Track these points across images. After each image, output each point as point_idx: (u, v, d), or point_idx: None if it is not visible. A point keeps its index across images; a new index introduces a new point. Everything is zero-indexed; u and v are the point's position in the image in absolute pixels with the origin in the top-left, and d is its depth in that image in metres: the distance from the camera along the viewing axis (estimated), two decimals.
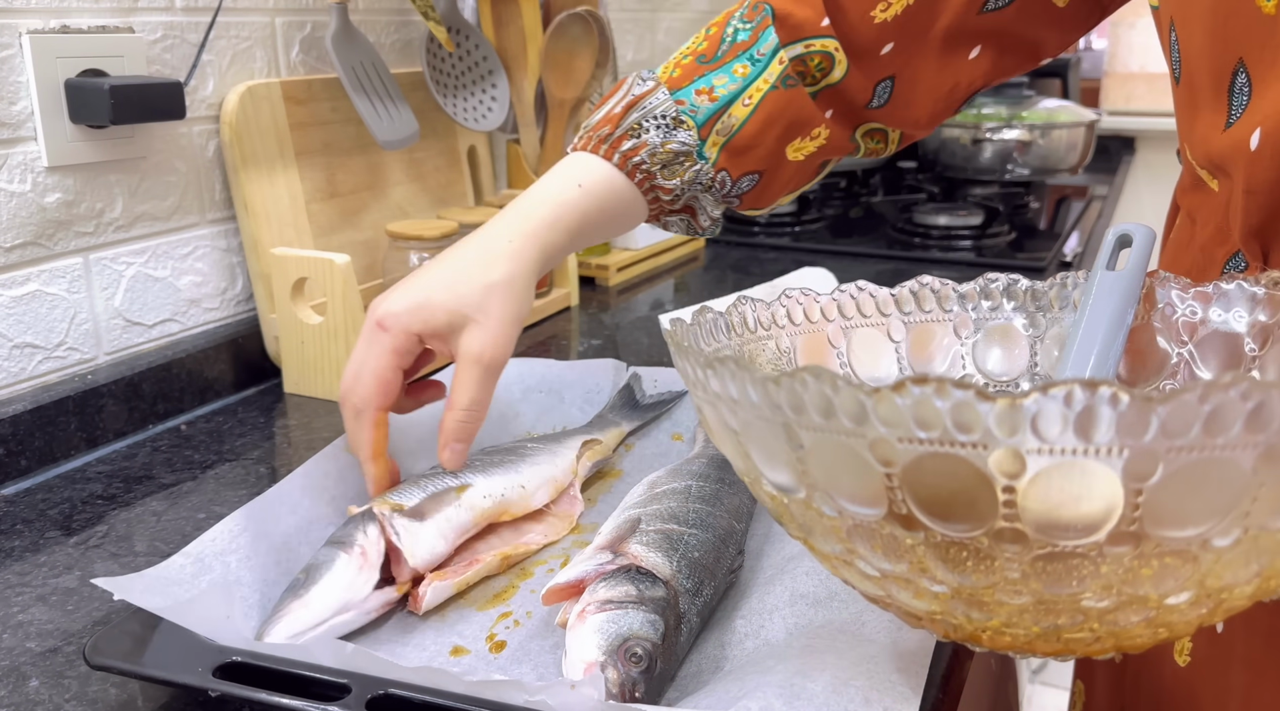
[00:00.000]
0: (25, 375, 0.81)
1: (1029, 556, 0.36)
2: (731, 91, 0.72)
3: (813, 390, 0.36)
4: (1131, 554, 0.36)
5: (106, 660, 0.50)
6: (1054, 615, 0.39)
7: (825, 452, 0.38)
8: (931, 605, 0.41)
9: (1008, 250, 1.50)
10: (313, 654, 0.49)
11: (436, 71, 1.12)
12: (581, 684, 0.45)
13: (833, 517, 0.40)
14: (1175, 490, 0.34)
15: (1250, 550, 0.36)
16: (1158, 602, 0.38)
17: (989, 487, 0.35)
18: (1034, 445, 0.34)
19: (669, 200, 0.73)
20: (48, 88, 0.80)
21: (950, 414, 0.34)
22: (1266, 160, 0.55)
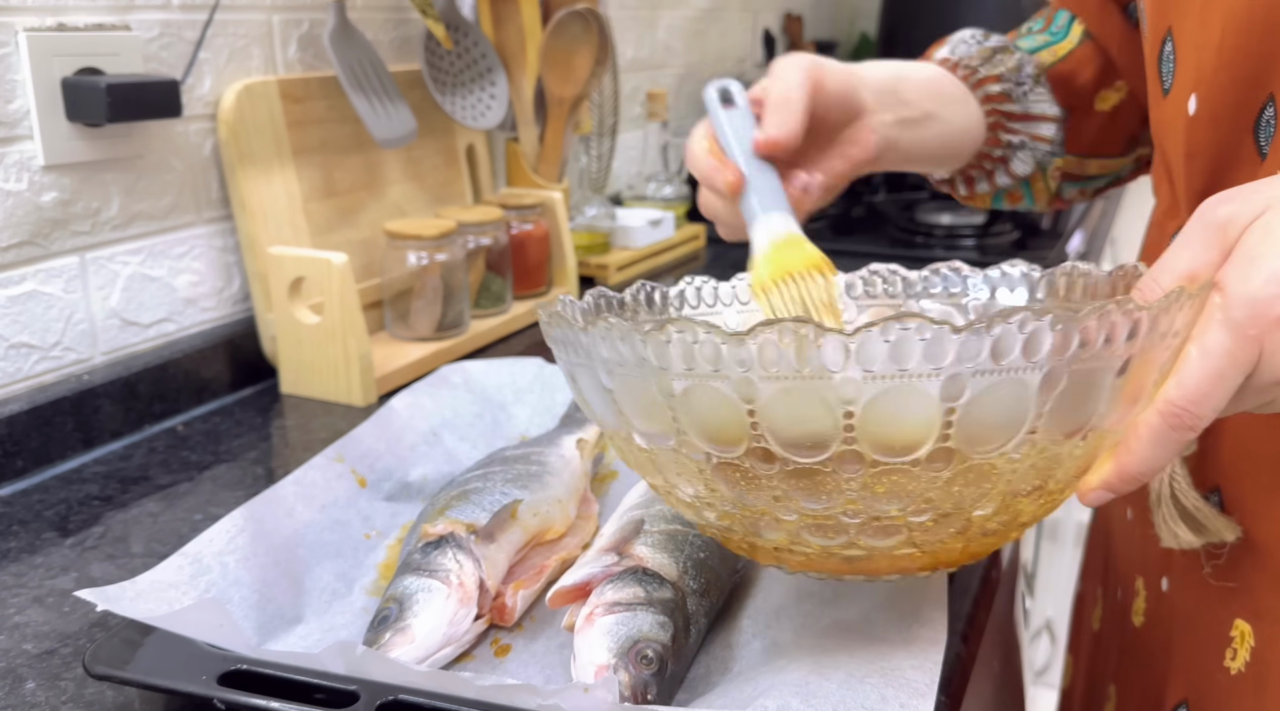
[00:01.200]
0: (21, 375, 0.81)
1: (865, 474, 0.42)
2: (1036, 45, 0.75)
3: (677, 340, 0.41)
4: (945, 468, 0.42)
5: (107, 669, 0.49)
6: (885, 533, 0.45)
7: (694, 398, 0.42)
8: (781, 535, 0.46)
9: (1011, 249, 1.49)
10: (319, 660, 0.48)
11: (435, 69, 1.12)
12: (595, 686, 0.44)
13: (699, 461, 0.44)
14: (979, 409, 0.40)
15: (1037, 462, 0.42)
16: (968, 514, 0.44)
17: (831, 414, 0.40)
18: (862, 374, 0.39)
19: (998, 93, 0.71)
20: (44, 86, 0.79)
21: (795, 352, 0.39)
22: (1204, 123, 0.57)
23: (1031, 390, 0.40)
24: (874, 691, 0.46)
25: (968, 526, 0.45)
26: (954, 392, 0.40)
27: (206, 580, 0.57)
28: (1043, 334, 0.39)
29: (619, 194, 1.59)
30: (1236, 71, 0.55)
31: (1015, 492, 0.44)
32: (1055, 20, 0.78)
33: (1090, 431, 0.43)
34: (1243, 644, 0.60)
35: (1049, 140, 0.74)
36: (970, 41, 0.74)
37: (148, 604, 0.53)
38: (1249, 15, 0.54)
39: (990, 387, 0.40)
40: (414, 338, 1.03)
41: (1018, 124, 0.73)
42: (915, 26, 2.17)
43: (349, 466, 0.70)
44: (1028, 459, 0.42)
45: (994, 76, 0.72)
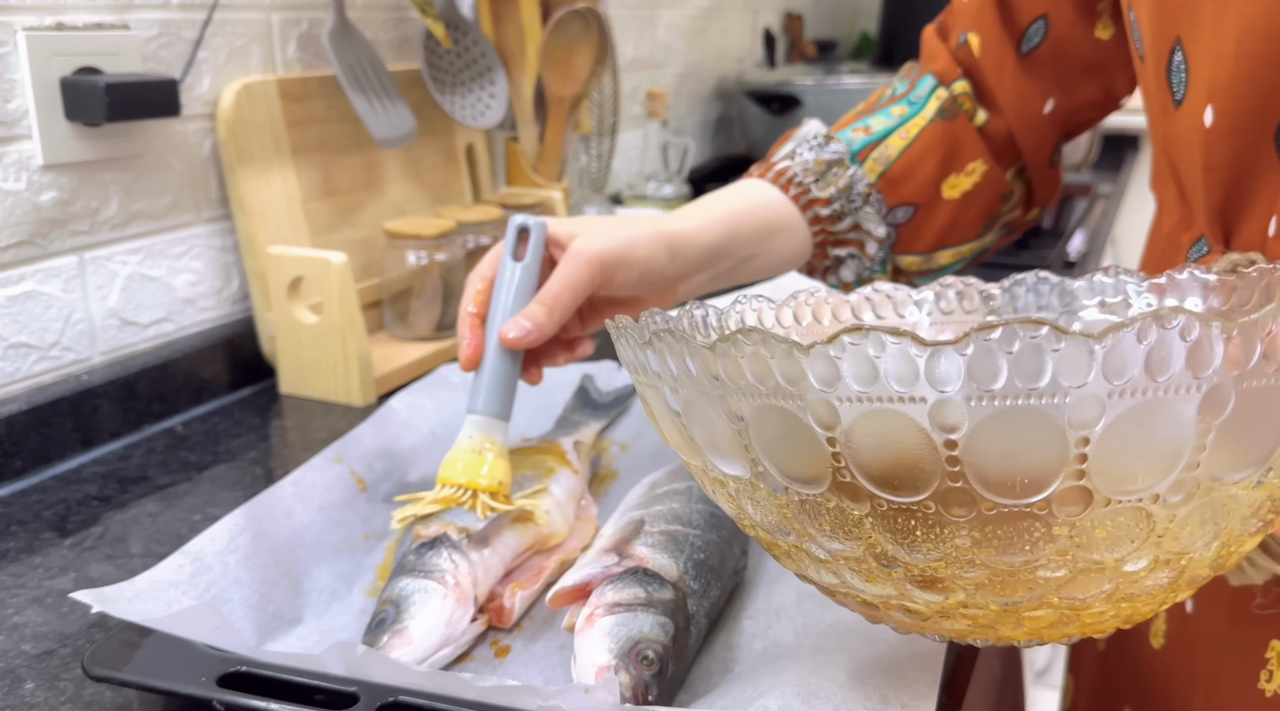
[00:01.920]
0: (20, 375, 0.81)
1: (977, 519, 0.35)
2: (888, 127, 0.74)
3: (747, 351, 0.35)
4: (1082, 513, 0.35)
5: (106, 671, 0.49)
6: (1010, 589, 0.38)
7: (765, 422, 0.37)
8: (886, 588, 0.40)
9: (1012, 249, 1.49)
10: (318, 661, 0.48)
11: (434, 68, 1.11)
12: (596, 687, 0.44)
13: (779, 497, 0.39)
14: (1120, 438, 0.33)
15: (1204, 508, 0.36)
16: (1115, 569, 0.37)
17: (930, 444, 0.34)
18: (971, 393, 0.32)
19: (828, 215, 0.72)
20: (43, 85, 0.79)
21: (885, 365, 0.33)
22: (1223, 134, 0.56)
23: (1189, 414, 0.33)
24: (875, 691, 0.46)
25: (1118, 585, 0.38)
26: (1089, 418, 0.33)
27: (207, 579, 0.56)
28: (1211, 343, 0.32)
29: (619, 193, 1.59)
30: (1255, 81, 0.54)
31: (1179, 545, 0.37)
32: (918, 86, 0.76)
33: (1273, 469, 0.36)
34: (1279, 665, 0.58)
35: (873, 257, 0.75)
36: (814, 145, 0.73)
37: (146, 604, 0.53)
38: (1266, 23, 0.53)
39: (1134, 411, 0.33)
40: (413, 337, 1.03)
41: (843, 246, 0.75)
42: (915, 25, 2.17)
43: (348, 467, 0.70)
44: (1191, 501, 0.36)
45: (824, 199, 0.72)
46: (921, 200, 0.74)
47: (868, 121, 0.75)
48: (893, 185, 0.74)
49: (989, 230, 0.78)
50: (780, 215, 0.72)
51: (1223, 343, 0.32)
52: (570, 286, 0.62)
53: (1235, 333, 0.32)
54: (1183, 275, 0.53)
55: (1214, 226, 0.59)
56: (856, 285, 0.76)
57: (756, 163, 0.75)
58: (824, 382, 0.34)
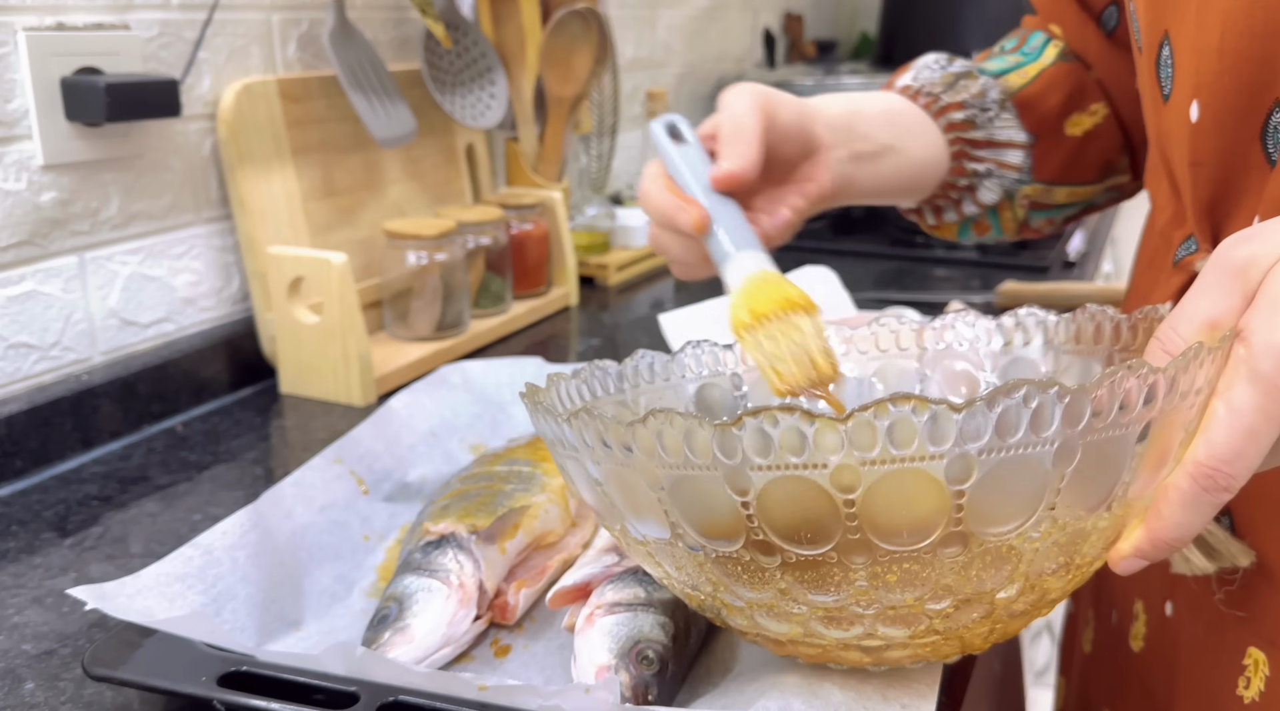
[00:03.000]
0: (20, 375, 0.81)
1: (872, 564, 0.40)
2: (1005, 67, 0.72)
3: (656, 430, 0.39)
4: (960, 552, 0.39)
5: (107, 670, 0.49)
6: (904, 621, 0.42)
7: (682, 490, 0.40)
8: (794, 627, 0.44)
9: (1011, 250, 1.49)
10: (318, 661, 0.48)
11: (434, 69, 1.11)
12: (596, 687, 0.44)
13: (697, 555, 0.42)
14: (989, 489, 0.38)
15: (1061, 539, 0.40)
16: (991, 597, 0.41)
17: (831, 503, 0.38)
18: (862, 458, 0.37)
19: (962, 120, 0.69)
20: (43, 85, 0.79)
21: (781, 439, 0.37)
22: (1209, 129, 0.56)
23: (1045, 466, 0.37)
24: (875, 691, 0.46)
25: (992, 609, 0.42)
26: (961, 474, 0.37)
27: (215, 573, 0.56)
28: (1051, 407, 0.37)
29: (619, 193, 1.59)
30: (1240, 76, 0.53)
31: (1040, 572, 0.41)
32: (1029, 41, 0.75)
33: (1115, 502, 0.40)
34: (1256, 672, 0.58)
35: (1016, 167, 0.72)
36: (934, 67, 0.71)
37: (149, 600, 0.53)
38: (1249, 17, 0.52)
39: (1000, 467, 0.37)
40: (413, 337, 1.03)
41: (983, 151, 0.71)
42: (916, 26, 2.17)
43: (348, 467, 0.70)
44: (1049, 536, 0.40)
45: (957, 103, 0.70)
46: (1043, 131, 0.72)
47: (985, 65, 0.73)
48: (1022, 108, 0.72)
49: (1105, 178, 0.76)
50: (911, 115, 0.69)
51: (1059, 406, 0.37)
52: (745, 113, 0.58)
53: (1068, 398, 0.36)
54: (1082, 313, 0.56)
55: (1202, 224, 0.59)
56: (993, 220, 0.74)
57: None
58: (730, 455, 0.38)
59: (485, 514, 0.61)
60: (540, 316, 1.18)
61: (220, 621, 0.55)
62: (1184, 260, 0.62)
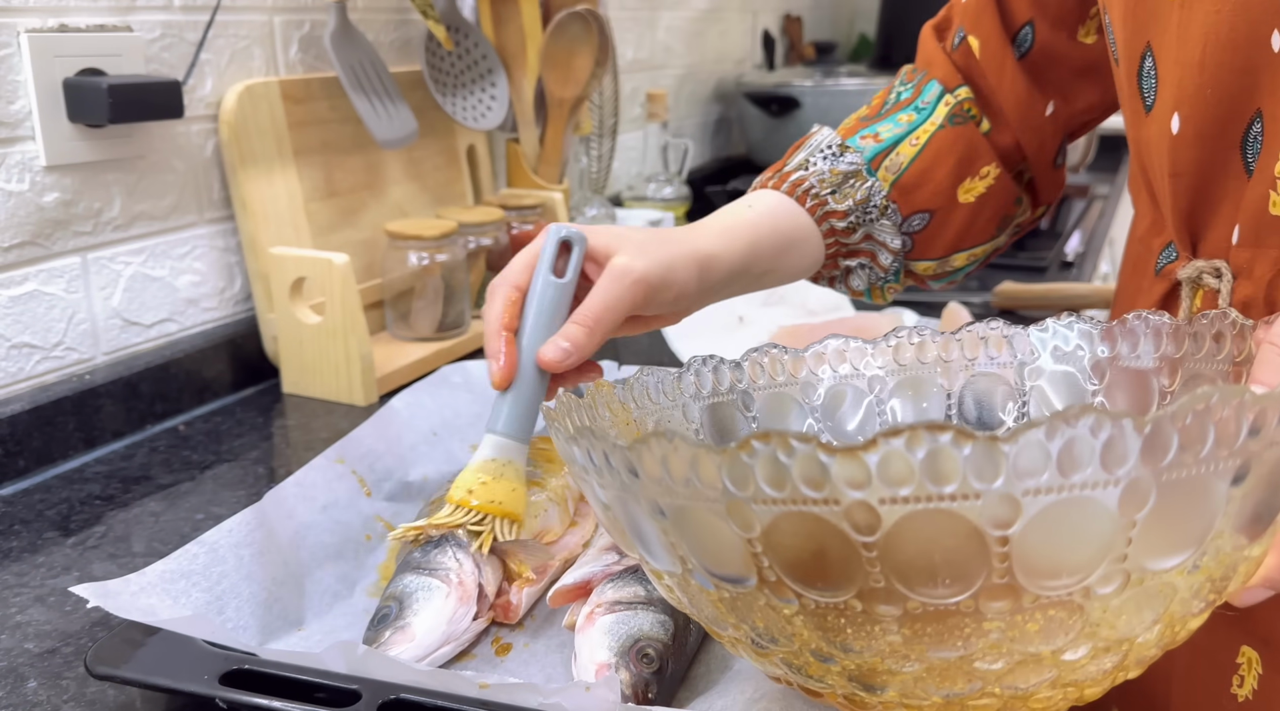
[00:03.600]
0: (23, 375, 0.81)
1: (905, 616, 0.35)
2: (897, 133, 0.73)
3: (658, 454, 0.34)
4: (1011, 608, 0.34)
5: (109, 669, 0.49)
6: (949, 681, 0.37)
7: (686, 521, 0.36)
8: (828, 680, 0.39)
9: (1011, 250, 1.49)
10: (320, 659, 0.48)
11: (435, 70, 1.12)
12: (597, 685, 0.44)
13: (711, 592, 0.38)
14: (1040, 535, 0.32)
15: (1139, 596, 0.35)
16: (1054, 660, 0.36)
17: (849, 544, 0.33)
18: (885, 494, 0.32)
19: (843, 228, 0.71)
20: (46, 87, 0.79)
21: (797, 469, 0.32)
22: (1189, 141, 0.56)
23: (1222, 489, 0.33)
24: None
25: (1126, 656, 0.38)
26: (1137, 501, 0.32)
27: (220, 571, 0.57)
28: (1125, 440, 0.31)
29: (619, 194, 1.59)
30: (1221, 89, 0.54)
31: (1187, 612, 0.37)
32: (924, 92, 0.75)
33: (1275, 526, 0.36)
34: (1250, 671, 0.58)
35: (885, 268, 0.73)
36: (828, 155, 0.71)
37: (152, 598, 0.53)
38: (1231, 30, 0.52)
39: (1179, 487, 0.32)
40: (415, 338, 1.03)
41: (854, 256, 0.73)
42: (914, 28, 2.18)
43: (349, 468, 0.70)
44: (1207, 570, 0.35)
45: (840, 212, 0.70)
46: (936, 206, 0.73)
47: (876, 128, 0.74)
48: (906, 193, 0.72)
49: (1002, 231, 0.77)
50: (797, 228, 0.70)
51: (1138, 437, 0.31)
52: (613, 307, 0.58)
53: (1148, 429, 0.31)
54: (1136, 321, 0.53)
55: (1181, 233, 0.60)
56: (866, 294, 0.75)
57: (768, 169, 0.73)
58: (738, 484, 0.34)
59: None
60: None
61: (223, 620, 0.55)
62: (1165, 268, 0.62)
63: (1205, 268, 0.57)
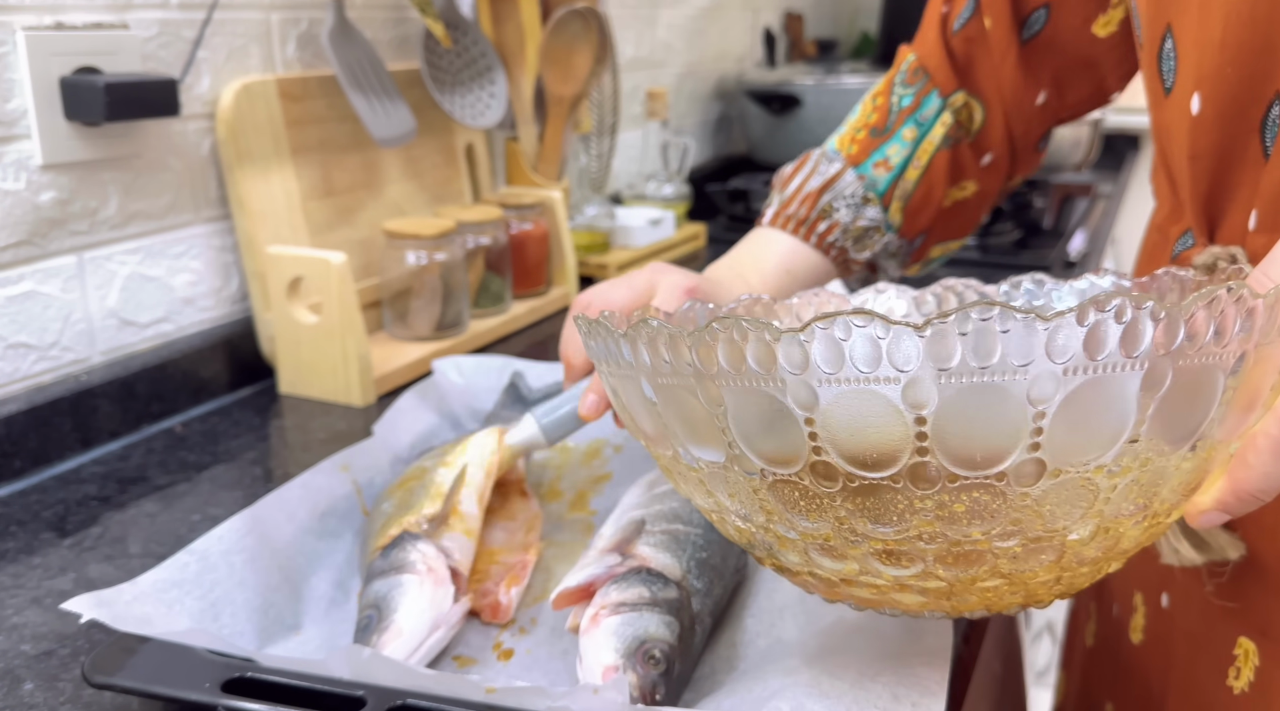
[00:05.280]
0: (19, 375, 0.80)
1: (941, 493, 0.37)
2: (904, 157, 0.78)
3: (722, 338, 0.37)
4: (1034, 484, 0.37)
5: (107, 678, 0.48)
6: (966, 562, 0.40)
7: (744, 406, 0.38)
8: (849, 564, 0.41)
9: (1013, 249, 1.49)
10: (324, 666, 0.48)
11: (434, 68, 1.11)
12: (605, 688, 0.44)
13: (754, 480, 0.40)
14: (1072, 413, 0.35)
15: (1060, 489, 0.38)
16: (1062, 538, 0.39)
17: (902, 421, 0.36)
18: (938, 371, 0.35)
19: (858, 268, 0.80)
20: (42, 85, 0.79)
21: (852, 349, 0.35)
22: (1209, 123, 0.56)
23: (1132, 391, 0.35)
24: (885, 690, 0.46)
25: (1062, 553, 0.40)
26: (1044, 394, 0.35)
27: (212, 579, 0.56)
28: (1144, 324, 0.34)
29: (619, 193, 1.59)
30: (1242, 68, 0.53)
31: (1116, 513, 0.39)
32: (924, 105, 0.78)
33: (1200, 441, 0.38)
34: (1246, 662, 0.59)
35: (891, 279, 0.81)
36: (851, 204, 0.77)
37: (146, 607, 0.52)
38: (1251, 8, 0.52)
39: (1084, 388, 0.35)
40: (413, 337, 1.03)
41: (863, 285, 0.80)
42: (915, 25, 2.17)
43: (352, 476, 0.69)
44: (1129, 472, 0.38)
45: (860, 261, 0.79)
46: (932, 225, 0.79)
47: (886, 152, 0.78)
48: (913, 216, 0.78)
49: (969, 234, 0.85)
50: (811, 271, 0.78)
51: (1152, 325, 0.34)
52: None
53: (1164, 315, 0.34)
54: (1164, 275, 0.55)
55: (1199, 218, 0.59)
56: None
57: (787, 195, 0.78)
58: (797, 366, 0.36)
59: (421, 503, 0.62)
60: (540, 316, 1.18)
61: (219, 627, 0.55)
62: (1181, 255, 0.62)
63: (1221, 254, 0.56)
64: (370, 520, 0.65)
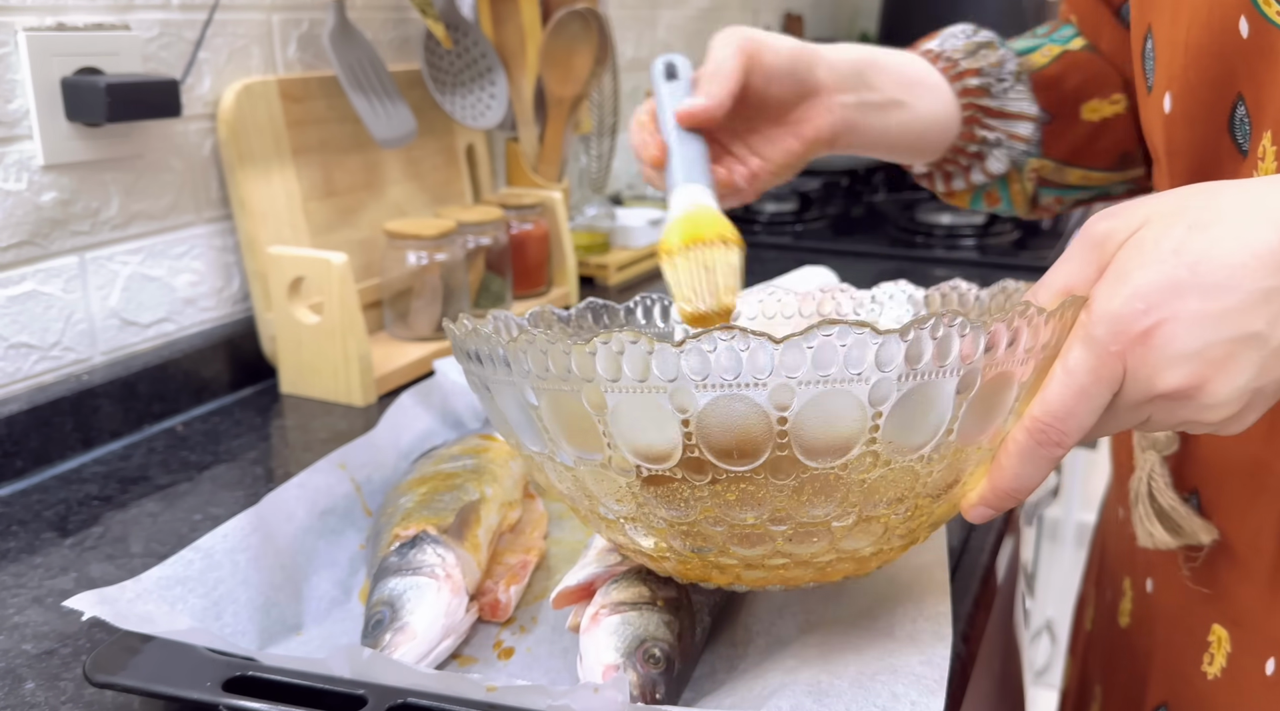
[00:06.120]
0: (20, 375, 0.81)
1: (794, 483, 0.43)
2: (1032, 44, 0.74)
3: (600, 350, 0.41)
4: (870, 472, 0.43)
5: (109, 677, 0.48)
6: (751, 542, 0.45)
7: (626, 409, 0.42)
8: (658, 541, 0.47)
9: (1011, 249, 1.49)
10: (325, 665, 0.48)
11: (435, 69, 1.11)
12: (605, 687, 0.44)
13: (627, 477, 0.44)
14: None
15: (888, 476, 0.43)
16: (827, 526, 0.45)
17: (766, 420, 0.41)
18: (798, 378, 0.40)
19: (976, 87, 0.70)
20: (44, 86, 0.79)
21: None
22: (1180, 121, 0.57)
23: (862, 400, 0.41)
24: (885, 689, 0.46)
25: (833, 539, 0.46)
26: (784, 400, 0.41)
27: (216, 577, 0.56)
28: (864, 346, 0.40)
29: (619, 194, 1.59)
30: (1204, 71, 0.54)
31: (874, 504, 0.45)
32: (1060, 30, 0.77)
33: (940, 448, 0.43)
34: (1219, 649, 0.59)
35: (1025, 139, 0.72)
36: (959, 35, 0.72)
37: (149, 604, 0.52)
38: (1208, 13, 0.53)
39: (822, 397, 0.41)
40: (413, 337, 1.03)
41: (994, 120, 0.71)
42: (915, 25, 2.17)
43: (349, 474, 0.69)
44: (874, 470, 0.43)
45: (973, 70, 0.70)
46: (1060, 112, 0.72)
47: (1008, 42, 0.74)
48: (1040, 86, 0.72)
49: (1122, 168, 0.76)
50: (927, 75, 0.70)
51: (959, 339, 0.40)
52: (725, 55, 0.61)
53: (967, 330, 0.40)
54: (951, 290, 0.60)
55: None
56: (1005, 200, 0.76)
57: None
58: (584, 372, 0.41)
59: (446, 513, 0.62)
60: None
61: (221, 625, 0.55)
62: None
63: None
64: (384, 513, 0.65)
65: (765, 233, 1.61)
